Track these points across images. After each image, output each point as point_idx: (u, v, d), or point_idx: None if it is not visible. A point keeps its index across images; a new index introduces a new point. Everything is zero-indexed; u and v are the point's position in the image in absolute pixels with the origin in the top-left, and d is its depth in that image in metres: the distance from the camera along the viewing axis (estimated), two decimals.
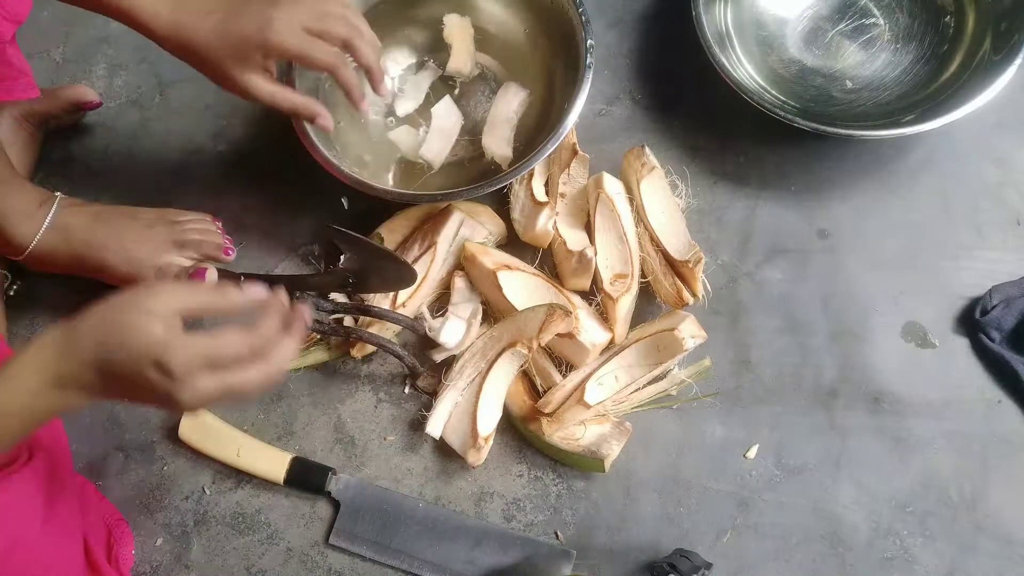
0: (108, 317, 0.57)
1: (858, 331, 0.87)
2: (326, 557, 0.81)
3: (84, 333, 0.56)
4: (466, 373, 0.82)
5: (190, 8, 0.71)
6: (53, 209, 0.84)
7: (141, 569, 0.81)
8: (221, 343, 0.57)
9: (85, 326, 0.57)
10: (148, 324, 0.55)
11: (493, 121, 0.95)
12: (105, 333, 0.56)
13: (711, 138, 0.96)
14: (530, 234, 0.87)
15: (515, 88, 0.96)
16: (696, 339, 0.79)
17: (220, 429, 0.84)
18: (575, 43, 0.88)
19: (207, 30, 0.70)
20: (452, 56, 0.97)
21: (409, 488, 0.83)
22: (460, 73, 0.98)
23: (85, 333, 0.56)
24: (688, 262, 0.81)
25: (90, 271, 0.87)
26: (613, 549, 0.80)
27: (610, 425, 0.81)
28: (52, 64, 1.05)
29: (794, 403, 0.84)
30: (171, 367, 0.55)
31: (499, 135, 0.94)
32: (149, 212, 0.89)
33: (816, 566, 0.78)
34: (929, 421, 0.83)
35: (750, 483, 0.81)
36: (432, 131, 0.94)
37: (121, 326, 0.56)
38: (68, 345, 0.56)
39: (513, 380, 0.86)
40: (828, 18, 0.99)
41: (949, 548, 0.78)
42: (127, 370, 0.55)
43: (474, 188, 0.83)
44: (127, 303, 0.57)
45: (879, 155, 0.94)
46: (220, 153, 0.99)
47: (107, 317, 0.57)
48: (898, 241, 0.90)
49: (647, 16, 1.04)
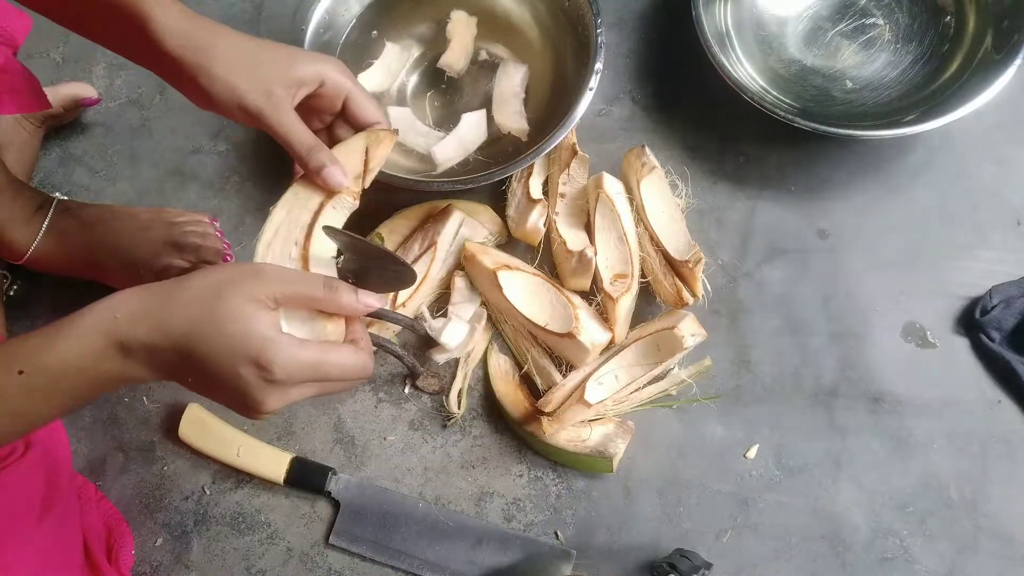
0: (207, 296, 0.51)
1: (858, 331, 0.87)
2: (326, 557, 0.81)
3: (176, 306, 0.51)
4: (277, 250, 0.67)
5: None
6: (50, 213, 0.84)
7: (141, 569, 0.81)
8: (335, 362, 0.53)
9: (178, 299, 0.51)
10: (255, 315, 0.50)
11: (500, 98, 0.95)
12: (202, 312, 0.51)
13: (711, 138, 0.96)
14: (520, 230, 0.88)
15: (513, 64, 0.97)
16: (696, 337, 0.79)
17: (220, 429, 0.84)
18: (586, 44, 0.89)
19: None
20: (448, 50, 0.97)
21: (409, 488, 0.83)
22: (451, 68, 0.98)
23: (177, 307, 0.51)
24: (688, 262, 0.81)
25: (89, 273, 0.87)
26: (613, 549, 0.80)
27: (614, 425, 0.81)
28: (52, 64, 1.05)
29: (794, 403, 0.84)
30: (272, 369, 0.50)
31: (510, 110, 0.95)
32: (147, 212, 0.88)
33: (816, 566, 0.78)
34: (929, 421, 0.83)
35: (750, 483, 0.81)
36: (453, 135, 0.94)
37: (222, 310, 0.50)
38: (150, 313, 0.51)
39: (512, 384, 0.86)
40: (828, 18, 0.99)
41: (949, 548, 0.78)
42: (215, 359, 0.50)
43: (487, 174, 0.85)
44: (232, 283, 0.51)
45: (879, 155, 0.94)
46: (220, 153, 1.00)
47: (206, 295, 0.51)
48: (898, 241, 0.90)
49: (647, 16, 1.04)
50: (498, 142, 0.95)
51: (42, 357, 0.50)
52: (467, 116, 0.95)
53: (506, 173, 0.86)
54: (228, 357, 0.50)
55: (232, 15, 1.08)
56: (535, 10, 0.98)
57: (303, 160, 0.65)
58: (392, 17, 0.99)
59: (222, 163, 0.99)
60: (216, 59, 0.61)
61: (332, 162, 0.66)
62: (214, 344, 0.50)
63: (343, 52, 0.97)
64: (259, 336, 0.50)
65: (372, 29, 0.99)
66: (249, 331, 0.50)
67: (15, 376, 0.50)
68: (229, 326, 0.50)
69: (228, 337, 0.50)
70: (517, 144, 0.94)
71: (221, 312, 0.51)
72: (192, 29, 0.62)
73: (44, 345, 0.51)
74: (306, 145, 0.65)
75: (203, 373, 0.52)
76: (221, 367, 0.51)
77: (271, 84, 0.63)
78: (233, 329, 0.50)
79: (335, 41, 0.97)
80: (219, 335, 0.50)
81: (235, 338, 0.50)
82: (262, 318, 0.51)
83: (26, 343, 0.51)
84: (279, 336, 0.51)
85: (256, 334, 0.50)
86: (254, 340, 0.50)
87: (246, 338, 0.50)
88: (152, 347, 0.51)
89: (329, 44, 0.96)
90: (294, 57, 0.65)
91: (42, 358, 0.50)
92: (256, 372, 0.51)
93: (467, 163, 0.94)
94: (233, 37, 0.64)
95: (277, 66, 0.64)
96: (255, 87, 0.62)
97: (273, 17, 1.07)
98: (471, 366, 0.87)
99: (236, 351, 0.50)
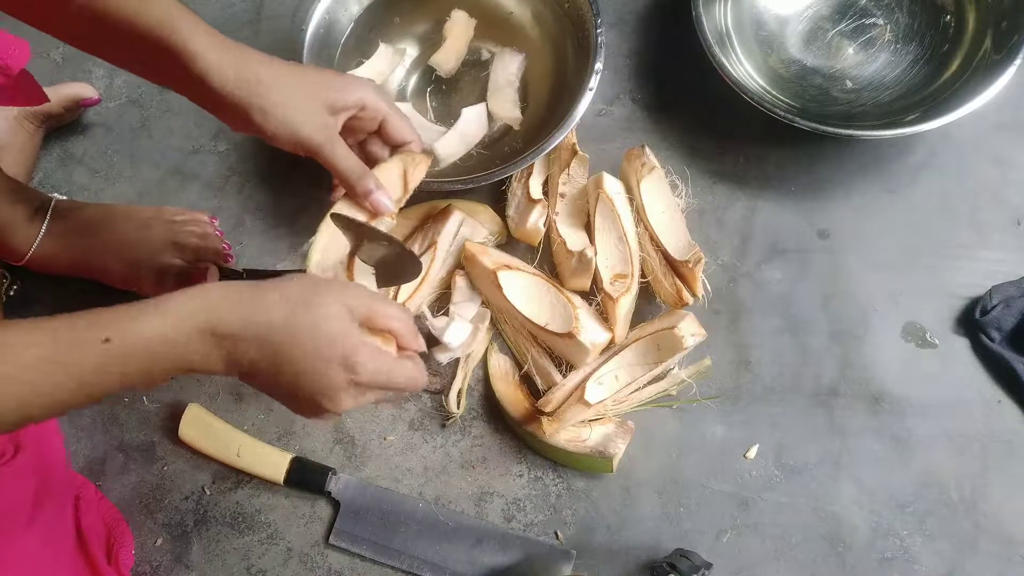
0: (303, 297, 0.54)
1: (858, 331, 0.87)
2: (326, 557, 0.81)
3: (270, 302, 0.53)
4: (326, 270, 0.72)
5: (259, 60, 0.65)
6: (49, 214, 0.84)
7: (141, 569, 0.81)
8: (404, 372, 0.57)
9: (272, 297, 0.53)
10: (346, 322, 0.54)
11: (495, 86, 0.96)
12: (296, 311, 0.53)
13: (711, 138, 0.96)
14: (521, 230, 0.88)
15: (510, 53, 0.97)
16: (696, 337, 0.79)
17: (220, 429, 0.84)
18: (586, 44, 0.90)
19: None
20: (441, 49, 0.98)
21: (409, 488, 0.83)
22: (440, 67, 0.98)
23: (271, 303, 0.53)
24: (688, 262, 0.81)
25: (90, 274, 0.87)
26: (613, 549, 0.80)
27: (613, 425, 0.81)
28: (52, 64, 1.05)
29: (794, 403, 0.84)
30: (360, 371, 0.54)
31: (504, 98, 0.95)
32: (147, 212, 0.88)
33: (816, 566, 0.78)
34: (929, 421, 0.83)
35: (750, 483, 0.81)
36: (454, 130, 0.94)
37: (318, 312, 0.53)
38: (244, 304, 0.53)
39: (512, 384, 0.86)
40: (828, 18, 0.99)
41: (949, 548, 0.78)
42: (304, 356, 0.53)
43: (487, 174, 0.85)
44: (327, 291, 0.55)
45: (879, 155, 0.94)
46: (220, 153, 1.00)
47: (301, 296, 0.54)
48: (898, 241, 0.90)
49: (647, 16, 1.04)
50: (498, 142, 0.96)
51: (133, 328, 0.51)
52: (467, 110, 0.95)
53: (506, 173, 0.86)
54: (318, 355, 0.53)
55: (232, 15, 1.08)
56: (535, 10, 0.98)
57: (352, 186, 0.68)
58: (392, 18, 0.99)
59: (222, 163, 0.99)
60: (265, 95, 0.63)
61: (379, 187, 0.69)
62: (306, 340, 0.53)
63: (343, 52, 0.97)
64: (354, 339, 0.54)
65: (372, 29, 0.99)
66: (344, 333, 0.54)
67: (99, 344, 0.50)
68: (324, 326, 0.53)
69: (323, 337, 0.53)
70: (517, 144, 0.94)
71: (317, 313, 0.54)
72: (236, 64, 0.62)
73: (135, 318, 0.51)
74: (356, 173, 0.68)
75: (285, 369, 0.54)
76: (308, 365, 0.53)
77: (322, 116, 0.65)
78: (328, 330, 0.53)
79: (335, 41, 0.97)
80: (312, 334, 0.53)
81: (330, 338, 0.53)
82: (353, 325, 0.55)
83: (114, 313, 0.52)
84: (368, 341, 0.55)
85: (351, 337, 0.54)
86: (348, 342, 0.54)
87: (342, 339, 0.54)
88: (239, 338, 0.53)
89: (329, 44, 0.96)
90: (336, 85, 0.67)
91: (133, 329, 0.51)
92: (344, 372, 0.54)
93: (469, 157, 0.94)
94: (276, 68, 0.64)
95: (323, 97, 0.65)
96: (309, 120, 0.64)
97: (273, 17, 1.07)
98: (471, 366, 0.87)
99: (329, 350, 0.53)
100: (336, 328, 0.54)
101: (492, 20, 0.99)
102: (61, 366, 0.50)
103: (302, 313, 0.54)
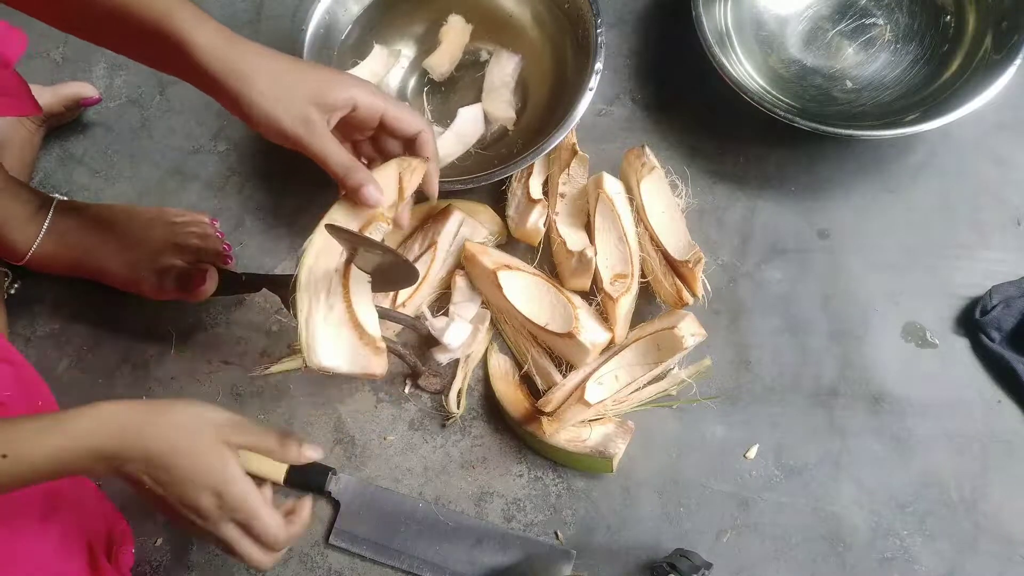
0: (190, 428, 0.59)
1: (858, 331, 0.87)
2: (326, 557, 0.81)
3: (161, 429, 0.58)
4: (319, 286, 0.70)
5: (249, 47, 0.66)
6: (50, 215, 0.84)
7: (141, 569, 0.81)
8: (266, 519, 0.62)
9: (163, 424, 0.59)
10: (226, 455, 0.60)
11: (491, 87, 0.96)
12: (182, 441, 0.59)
13: (711, 138, 0.96)
14: (521, 230, 0.88)
15: (507, 54, 0.97)
16: (696, 337, 0.79)
17: None
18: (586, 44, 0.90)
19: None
20: (436, 52, 0.98)
21: (409, 488, 0.83)
22: (433, 71, 0.98)
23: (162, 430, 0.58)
24: (688, 262, 0.81)
25: (90, 274, 0.87)
26: (613, 549, 0.80)
27: (614, 425, 0.81)
28: (52, 64, 1.05)
29: (794, 403, 0.84)
30: (227, 499, 0.59)
31: (499, 99, 0.95)
32: (147, 212, 0.88)
33: (816, 566, 0.78)
34: (929, 421, 0.83)
35: (750, 483, 0.81)
36: (451, 131, 0.94)
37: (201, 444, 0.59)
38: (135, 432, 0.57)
39: (512, 384, 0.86)
40: (828, 18, 0.99)
41: (949, 548, 0.78)
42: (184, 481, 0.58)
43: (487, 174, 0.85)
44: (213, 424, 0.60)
45: (879, 155, 0.94)
46: (220, 153, 1.00)
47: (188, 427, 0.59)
48: (898, 241, 0.90)
49: (647, 16, 1.04)
50: (498, 142, 0.96)
51: (30, 449, 0.55)
52: (463, 111, 0.95)
53: (506, 173, 0.86)
54: (193, 485, 0.59)
55: (232, 15, 1.08)
56: (535, 10, 0.98)
57: (341, 179, 0.69)
58: (391, 18, 0.99)
59: (222, 163, 0.99)
60: (253, 87, 0.64)
61: (369, 181, 0.68)
62: (187, 468, 0.58)
63: (342, 52, 0.97)
64: (223, 473, 0.59)
65: (371, 30, 0.99)
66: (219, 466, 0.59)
67: None
68: (204, 459, 0.59)
69: (203, 467, 0.59)
70: (517, 144, 0.94)
71: (200, 445, 0.59)
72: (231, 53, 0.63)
73: (31, 436, 0.56)
74: (343, 166, 0.68)
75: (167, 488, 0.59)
76: (186, 488, 0.59)
77: (307, 111, 0.65)
78: (208, 461, 0.59)
79: (334, 42, 0.97)
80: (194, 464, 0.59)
81: (208, 468, 0.59)
82: (230, 458, 0.60)
83: (13, 429, 0.56)
84: (239, 478, 0.60)
85: (222, 471, 0.59)
86: (219, 476, 0.59)
87: (216, 471, 0.59)
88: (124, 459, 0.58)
89: (328, 44, 0.96)
90: (326, 83, 0.67)
91: (29, 450, 0.55)
92: (213, 500, 0.59)
93: (468, 156, 0.94)
94: (269, 61, 0.65)
95: (310, 93, 0.66)
96: (292, 114, 0.65)
97: (273, 17, 1.07)
98: (471, 366, 0.87)
99: (203, 481, 0.59)
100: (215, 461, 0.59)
101: (492, 21, 0.99)
102: None
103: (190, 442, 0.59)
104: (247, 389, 0.88)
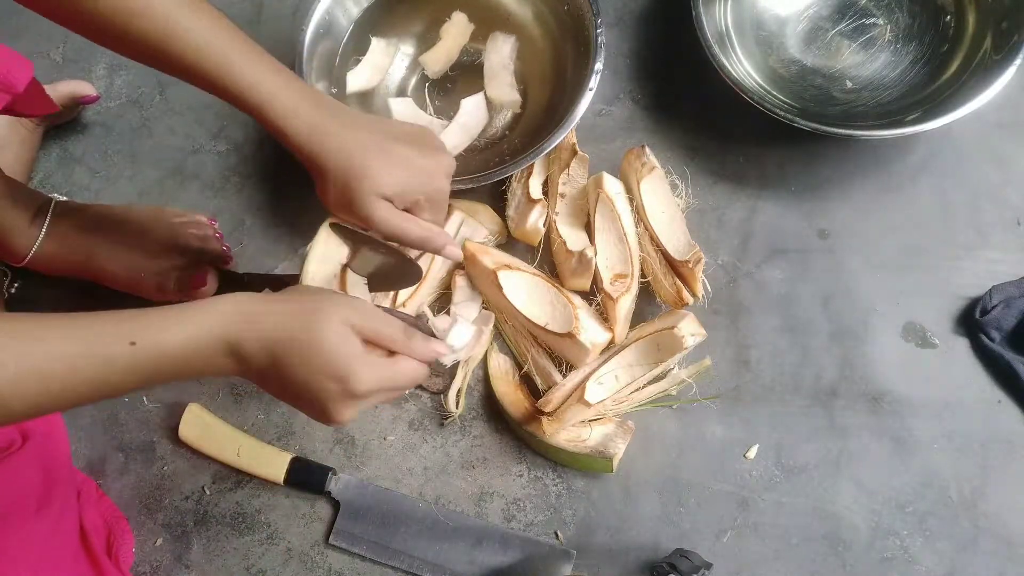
0: (306, 314, 0.56)
1: (858, 331, 0.87)
2: (326, 557, 0.81)
3: (278, 319, 0.56)
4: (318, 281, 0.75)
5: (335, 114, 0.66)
6: (49, 216, 0.84)
7: (141, 569, 0.81)
8: (401, 375, 0.59)
9: (281, 312, 0.56)
10: (347, 337, 0.56)
11: (491, 71, 0.96)
12: (299, 328, 0.56)
13: (711, 138, 0.96)
14: (520, 230, 0.88)
15: (502, 36, 0.97)
16: (696, 337, 0.79)
17: (220, 429, 0.84)
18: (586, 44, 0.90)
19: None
20: (433, 49, 0.98)
21: (409, 488, 0.83)
22: (428, 67, 0.98)
23: (279, 320, 0.56)
24: (688, 262, 0.81)
25: (90, 275, 0.87)
26: (613, 549, 0.80)
27: (614, 425, 0.81)
28: (52, 64, 1.05)
29: (794, 403, 0.84)
30: (351, 386, 0.56)
31: (501, 82, 0.95)
32: (147, 213, 0.88)
33: (816, 566, 0.78)
34: (929, 421, 0.83)
35: (750, 483, 0.81)
36: (455, 124, 0.94)
37: (318, 328, 0.56)
38: (257, 318, 0.56)
39: (512, 384, 0.86)
40: (828, 18, 0.99)
41: (949, 548, 0.78)
42: (303, 371, 0.55)
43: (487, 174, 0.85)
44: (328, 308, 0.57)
45: (879, 155, 0.94)
46: (220, 153, 1.00)
47: (305, 314, 0.56)
48: (898, 241, 0.90)
49: (647, 16, 1.04)
50: (498, 142, 0.96)
51: (159, 333, 0.53)
52: (466, 101, 0.95)
53: (506, 173, 0.86)
54: (316, 372, 0.56)
55: (232, 15, 1.06)
56: (535, 10, 0.98)
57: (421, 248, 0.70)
58: (391, 18, 0.99)
59: (222, 163, 0.99)
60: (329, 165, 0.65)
61: (448, 241, 0.70)
62: (306, 357, 0.55)
63: (342, 53, 0.97)
64: (348, 355, 0.56)
65: (371, 29, 0.99)
66: (340, 351, 0.56)
67: (126, 346, 0.52)
68: (324, 344, 0.55)
69: (322, 353, 0.55)
70: (517, 144, 0.94)
71: (317, 329, 0.56)
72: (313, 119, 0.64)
73: (161, 323, 0.54)
74: (420, 238, 0.68)
75: (290, 381, 0.56)
76: (309, 379, 0.56)
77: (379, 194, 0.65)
78: (327, 346, 0.55)
79: (335, 41, 0.97)
80: (311, 350, 0.55)
81: (328, 355, 0.55)
82: (353, 341, 0.57)
83: (140, 318, 0.54)
84: (364, 356, 0.57)
85: (346, 354, 0.56)
86: (344, 359, 0.56)
87: (337, 356, 0.56)
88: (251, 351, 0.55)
89: (328, 45, 0.96)
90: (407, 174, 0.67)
91: (158, 334, 0.53)
92: (340, 387, 0.56)
93: (470, 154, 0.94)
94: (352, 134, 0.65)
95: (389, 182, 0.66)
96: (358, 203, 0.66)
97: (273, 18, 1.07)
98: (471, 366, 0.87)
99: (324, 368, 0.55)
100: (334, 345, 0.56)
101: (492, 20, 0.99)
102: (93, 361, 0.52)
103: (306, 327, 0.56)
104: (247, 389, 0.88)
